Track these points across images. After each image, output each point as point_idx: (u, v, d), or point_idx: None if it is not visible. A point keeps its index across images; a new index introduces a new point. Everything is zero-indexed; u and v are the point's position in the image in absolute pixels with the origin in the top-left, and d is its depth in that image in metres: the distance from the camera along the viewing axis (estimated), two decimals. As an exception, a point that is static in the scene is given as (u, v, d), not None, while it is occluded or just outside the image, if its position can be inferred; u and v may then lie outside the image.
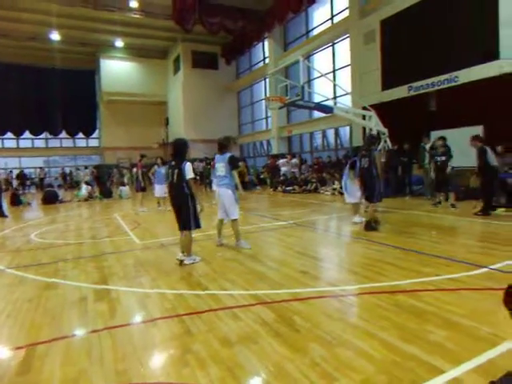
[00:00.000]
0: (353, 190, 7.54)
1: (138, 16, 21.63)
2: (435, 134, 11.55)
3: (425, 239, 5.82)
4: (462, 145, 10.81)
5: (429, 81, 12.04)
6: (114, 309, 3.50)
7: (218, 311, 3.33)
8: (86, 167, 25.47)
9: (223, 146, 5.81)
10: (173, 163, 4.92)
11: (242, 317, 3.17)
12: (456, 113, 10.96)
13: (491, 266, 4.14)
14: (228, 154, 5.72)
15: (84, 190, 15.80)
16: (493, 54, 10.16)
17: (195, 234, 5.39)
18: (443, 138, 9.11)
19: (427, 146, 10.62)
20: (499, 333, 2.65)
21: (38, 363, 2.55)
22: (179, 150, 5.02)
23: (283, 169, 16.54)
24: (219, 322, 3.09)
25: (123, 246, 6.40)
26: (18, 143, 28.39)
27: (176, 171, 4.84)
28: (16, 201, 13.81)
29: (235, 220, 5.75)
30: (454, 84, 11.29)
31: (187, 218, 4.85)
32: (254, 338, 2.77)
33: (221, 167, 5.70)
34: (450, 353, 2.44)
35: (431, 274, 4.02)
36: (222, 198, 5.73)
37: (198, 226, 4.98)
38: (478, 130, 10.40)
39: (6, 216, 11.00)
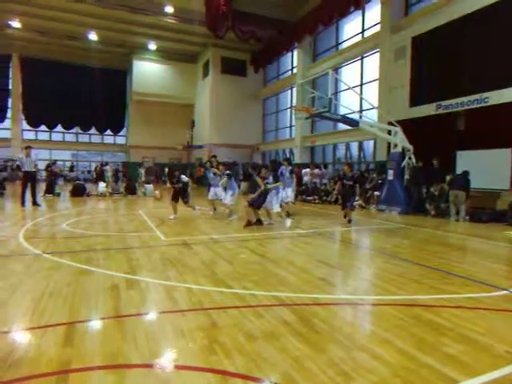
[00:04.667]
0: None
1: (172, 21, 22.38)
2: (462, 154, 11.52)
3: (446, 258, 5.86)
4: (489, 166, 10.76)
5: (458, 100, 12.00)
6: (144, 297, 3.75)
7: (242, 308, 3.52)
8: (106, 164, 25.91)
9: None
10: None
11: (264, 315, 3.35)
12: (484, 134, 10.88)
13: (511, 289, 4.18)
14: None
15: (101, 187, 16.32)
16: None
17: (219, 236, 5.48)
18: (349, 165, 10.07)
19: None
20: (515, 351, 2.73)
21: (78, 339, 2.81)
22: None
23: (305, 178, 16.67)
24: (243, 318, 3.28)
25: (149, 241, 6.69)
26: (50, 136, 29.59)
27: None
28: (50, 191, 14.49)
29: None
30: (483, 105, 11.23)
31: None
32: (276, 336, 2.95)
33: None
34: (465, 366, 2.55)
35: (450, 291, 4.09)
36: None
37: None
38: (507, 152, 10.32)
39: (38, 205, 11.56)
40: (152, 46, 26.87)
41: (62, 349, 2.65)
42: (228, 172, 9.88)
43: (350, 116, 13.04)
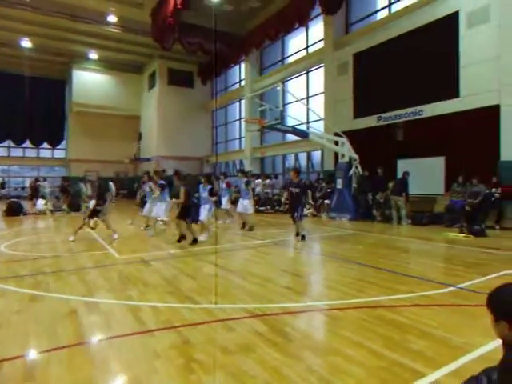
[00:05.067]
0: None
1: (115, 30, 21.70)
2: (402, 163, 12.43)
3: (395, 259, 6.25)
4: (426, 173, 11.73)
5: (397, 112, 12.98)
6: (107, 320, 3.55)
7: (212, 323, 3.47)
8: (44, 179, 24.13)
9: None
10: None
11: (236, 328, 3.33)
12: (421, 143, 11.86)
13: (457, 285, 4.57)
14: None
15: (40, 204, 15.20)
16: (454, 92, 11.21)
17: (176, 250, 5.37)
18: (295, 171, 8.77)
19: None
20: (469, 341, 3.00)
21: (42, 371, 2.58)
22: None
23: (257, 189, 16.86)
24: (215, 333, 3.23)
25: (103, 260, 6.34)
26: (-24, 151, 26.97)
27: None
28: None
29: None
30: (419, 117, 12.26)
31: None
32: (251, 347, 2.95)
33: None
34: (430, 359, 2.74)
35: (406, 291, 4.38)
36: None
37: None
38: (441, 160, 11.32)
39: None
40: (93, 55, 25.74)
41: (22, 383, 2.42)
42: (161, 182, 9.33)
43: (299, 127, 13.53)
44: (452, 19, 11.27)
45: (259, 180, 17.51)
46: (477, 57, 10.71)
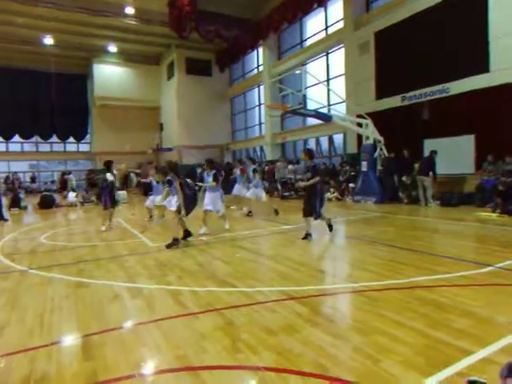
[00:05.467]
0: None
1: (133, 22, 21.80)
2: (428, 143, 12.09)
3: (428, 241, 6.17)
4: (454, 153, 11.38)
5: (421, 91, 12.57)
6: (151, 305, 3.69)
7: (253, 305, 3.56)
8: (70, 173, 24.89)
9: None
10: None
11: (277, 310, 3.41)
12: (448, 122, 11.49)
13: (496, 265, 4.49)
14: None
15: (71, 196, 15.74)
16: (483, 67, 10.75)
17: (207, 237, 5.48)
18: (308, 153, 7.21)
19: None
20: (515, 320, 2.96)
21: (98, 351, 2.74)
22: None
23: (278, 174, 16.85)
24: (257, 315, 3.32)
25: (138, 248, 6.55)
26: (7, 147, 27.97)
27: None
28: (16, 204, 13.73)
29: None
30: (445, 95, 11.84)
31: None
32: (294, 328, 3.01)
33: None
34: (475, 337, 2.73)
35: (443, 271, 4.33)
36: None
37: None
38: (471, 138, 10.95)
39: (6, 219, 10.95)
40: (113, 48, 26.02)
41: (83, 362, 2.58)
42: (168, 178, 8.20)
43: (320, 111, 13.34)
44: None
45: (280, 162, 17.43)
46: (508, 28, 10.18)
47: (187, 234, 6.73)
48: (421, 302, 3.44)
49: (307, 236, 6.56)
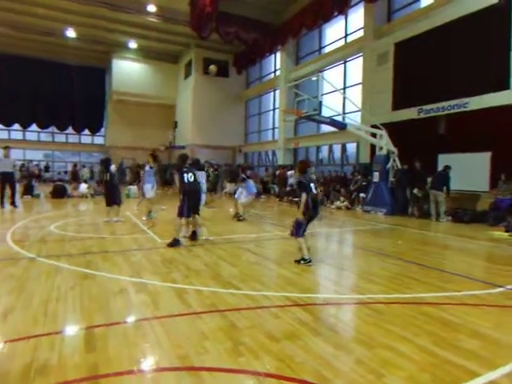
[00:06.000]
0: None
1: (154, 20, 22.05)
2: (443, 158, 11.93)
3: (438, 257, 6.06)
4: (469, 169, 11.22)
5: (439, 105, 12.42)
6: (156, 301, 3.69)
7: (257, 309, 3.53)
8: (83, 166, 25.59)
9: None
10: None
11: (281, 316, 3.37)
12: (465, 138, 11.32)
13: (507, 286, 4.38)
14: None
15: (83, 187, 15.94)
16: (504, 84, 10.58)
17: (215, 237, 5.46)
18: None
19: None
20: (526, 344, 2.88)
21: (100, 343, 2.74)
22: None
23: (290, 180, 16.80)
24: (260, 319, 3.29)
25: (145, 243, 6.58)
26: (24, 135, 28.47)
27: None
28: (29, 192, 13.97)
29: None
30: (463, 109, 11.68)
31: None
32: (297, 335, 2.98)
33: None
34: (484, 359, 2.66)
35: (451, 289, 4.25)
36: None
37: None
38: (487, 156, 10.78)
39: (16, 206, 11.10)
40: (133, 44, 26.36)
41: (85, 354, 2.58)
42: (243, 176, 10.03)
43: (335, 118, 13.27)
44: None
45: (292, 171, 17.39)
46: (532, 46, 10.02)
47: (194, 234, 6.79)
48: (428, 319, 3.37)
49: (301, 260, 5.24)
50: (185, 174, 6.28)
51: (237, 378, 2.39)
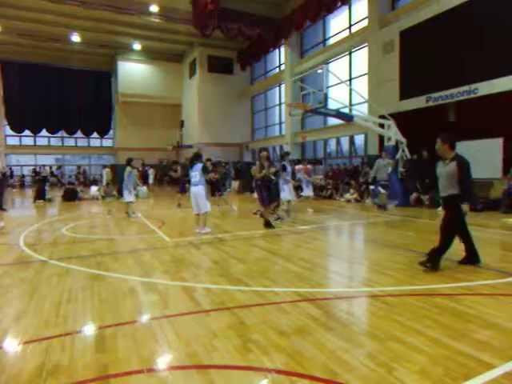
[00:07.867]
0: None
1: (157, 20, 22.08)
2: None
3: (451, 247, 5.94)
4: (481, 156, 10.97)
5: (448, 92, 12.18)
6: (165, 300, 3.71)
7: (266, 306, 3.51)
8: (104, 166, 25.80)
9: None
10: None
11: (290, 311, 3.35)
12: (475, 125, 11.08)
13: (522, 274, 4.29)
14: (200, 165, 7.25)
15: (93, 190, 16.20)
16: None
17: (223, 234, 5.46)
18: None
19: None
20: (542, 334, 2.80)
21: (110, 344, 2.76)
22: None
23: (299, 174, 16.69)
24: (270, 316, 3.27)
25: (155, 243, 6.62)
26: (34, 141, 28.91)
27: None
28: (41, 196, 14.19)
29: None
30: (473, 96, 11.43)
31: None
32: (307, 331, 2.95)
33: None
34: (498, 350, 2.60)
35: (464, 279, 4.17)
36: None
37: None
38: (499, 142, 10.54)
39: (4, 209, 10.91)
40: (137, 45, 26.49)
41: (95, 354, 2.61)
42: (283, 163, 9.92)
43: (342, 111, 13.13)
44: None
45: (300, 165, 17.28)
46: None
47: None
48: (440, 310, 3.31)
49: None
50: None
51: (246, 375, 2.38)
